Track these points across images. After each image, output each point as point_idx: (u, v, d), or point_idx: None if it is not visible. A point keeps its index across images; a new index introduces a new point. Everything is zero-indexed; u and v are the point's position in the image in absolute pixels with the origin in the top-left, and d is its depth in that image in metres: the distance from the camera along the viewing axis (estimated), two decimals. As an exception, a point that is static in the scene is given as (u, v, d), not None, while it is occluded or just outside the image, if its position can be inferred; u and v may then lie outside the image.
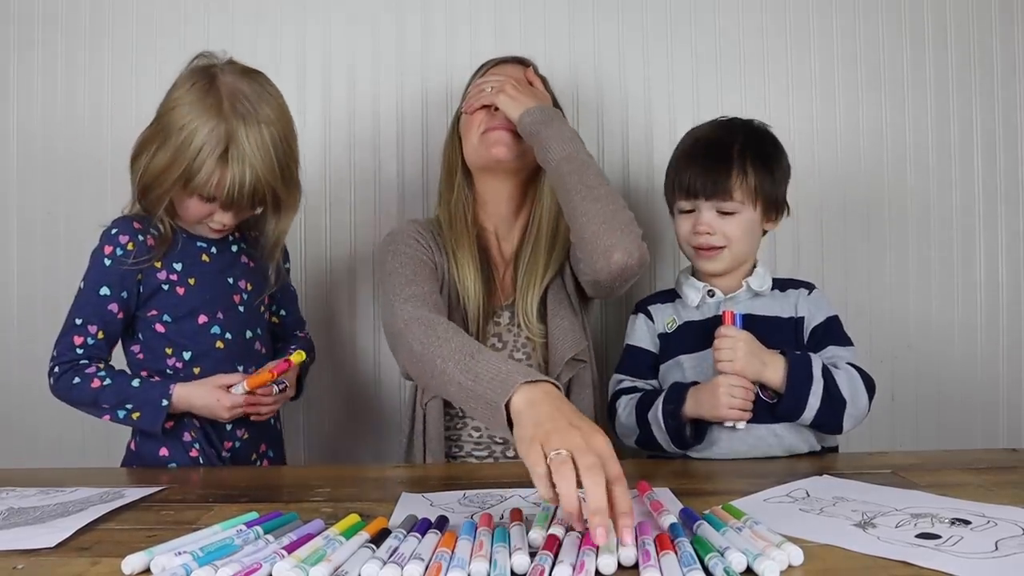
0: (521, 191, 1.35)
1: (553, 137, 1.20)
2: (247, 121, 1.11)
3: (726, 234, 1.20)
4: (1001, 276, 1.63)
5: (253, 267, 1.29)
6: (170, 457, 1.21)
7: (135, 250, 1.18)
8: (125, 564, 0.70)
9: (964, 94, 1.62)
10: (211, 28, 1.61)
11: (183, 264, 1.22)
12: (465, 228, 1.32)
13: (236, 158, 1.10)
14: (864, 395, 1.13)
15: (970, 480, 0.95)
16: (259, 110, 1.13)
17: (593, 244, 1.14)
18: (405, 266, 1.22)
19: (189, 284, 1.22)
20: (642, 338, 1.29)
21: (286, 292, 1.38)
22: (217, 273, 1.25)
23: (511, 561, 0.68)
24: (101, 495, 0.97)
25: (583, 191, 1.16)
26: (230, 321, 1.24)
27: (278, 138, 1.14)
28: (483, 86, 1.31)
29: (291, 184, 1.18)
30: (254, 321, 1.28)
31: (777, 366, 1.11)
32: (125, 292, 1.19)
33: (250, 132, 1.11)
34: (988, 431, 1.62)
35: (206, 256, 1.25)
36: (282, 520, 0.82)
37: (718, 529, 0.73)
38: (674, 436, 1.14)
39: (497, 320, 1.31)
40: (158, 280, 1.20)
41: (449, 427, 1.30)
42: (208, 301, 1.23)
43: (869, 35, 1.62)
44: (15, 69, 1.63)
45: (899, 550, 0.70)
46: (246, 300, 1.27)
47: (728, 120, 1.26)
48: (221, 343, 1.23)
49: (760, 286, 1.22)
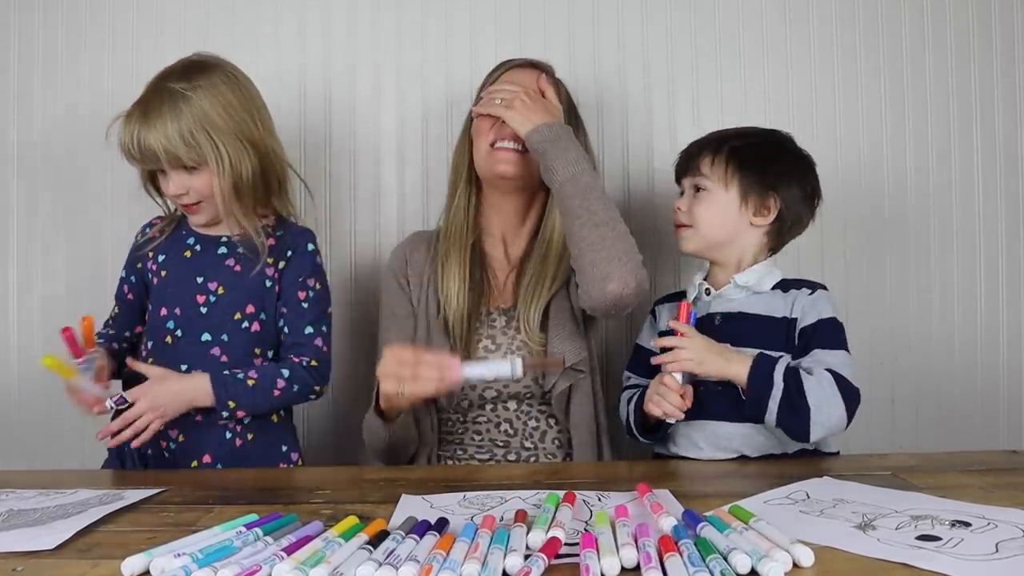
0: (527, 202, 1.36)
1: (558, 158, 1.19)
2: (156, 88, 1.20)
3: (694, 215, 1.22)
4: (1001, 276, 1.63)
5: (239, 272, 1.27)
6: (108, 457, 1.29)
7: (142, 240, 1.34)
8: (125, 566, 0.70)
9: (964, 100, 1.62)
10: (211, 28, 1.62)
11: (166, 256, 1.30)
12: (459, 238, 1.34)
13: (134, 117, 1.19)
14: (838, 406, 1.08)
15: (970, 482, 0.95)
16: (172, 82, 1.20)
17: (589, 272, 1.15)
18: (383, 321, 1.36)
19: (162, 276, 1.29)
20: (646, 337, 1.33)
21: (293, 309, 1.28)
22: (189, 270, 1.28)
23: (504, 563, 0.68)
24: (100, 497, 0.97)
25: (583, 216, 1.16)
26: (186, 320, 1.26)
27: (182, 103, 1.18)
28: (495, 95, 1.30)
29: (195, 145, 1.19)
30: (218, 326, 1.25)
31: (744, 365, 1.11)
32: (133, 276, 1.34)
33: (153, 96, 1.19)
34: (988, 433, 1.61)
35: (189, 252, 1.30)
36: (282, 522, 0.82)
37: (721, 531, 0.73)
38: (638, 427, 1.23)
39: (492, 323, 1.31)
40: (148, 269, 1.31)
41: (451, 431, 1.31)
42: (170, 295, 1.27)
43: (868, 43, 1.62)
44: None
45: (899, 552, 0.70)
46: (212, 302, 1.26)
47: (752, 126, 1.29)
48: (171, 338, 1.26)
49: (748, 282, 1.21)
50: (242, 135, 1.23)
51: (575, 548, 0.71)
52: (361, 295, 1.62)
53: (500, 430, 1.29)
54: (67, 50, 1.64)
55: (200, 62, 1.25)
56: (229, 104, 1.22)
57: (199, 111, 1.19)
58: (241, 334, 1.27)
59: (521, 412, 1.29)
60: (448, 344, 1.28)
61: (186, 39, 1.61)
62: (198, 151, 1.19)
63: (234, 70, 1.27)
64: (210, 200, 1.24)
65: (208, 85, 1.21)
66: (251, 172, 1.24)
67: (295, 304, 1.29)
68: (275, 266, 1.29)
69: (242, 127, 1.23)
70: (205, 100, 1.20)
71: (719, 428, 1.17)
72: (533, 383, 1.27)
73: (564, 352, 1.25)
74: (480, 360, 1.08)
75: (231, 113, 1.22)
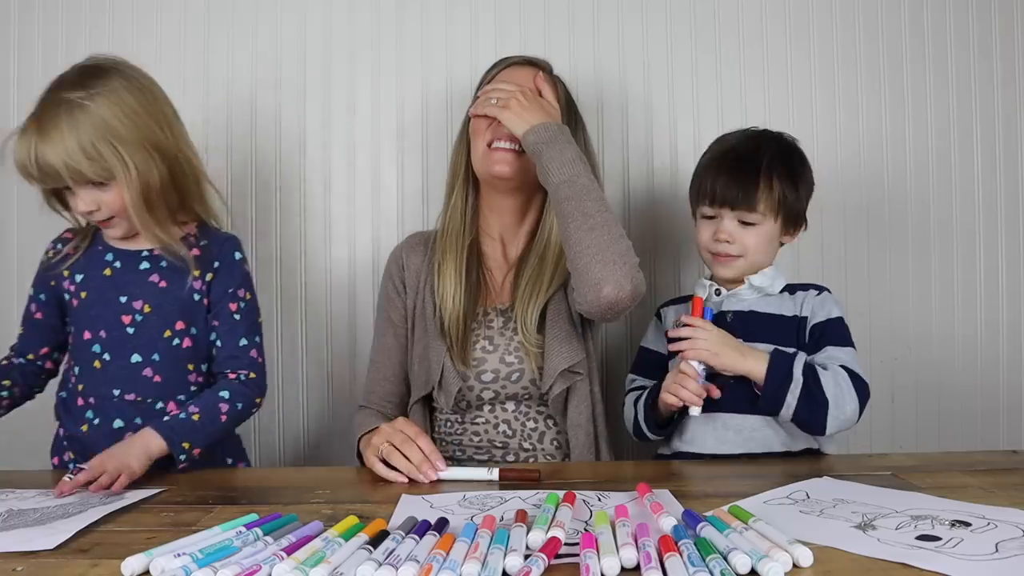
0: (525, 202, 1.36)
1: (554, 159, 1.18)
2: (47, 101, 1.12)
3: (744, 244, 1.21)
4: (1001, 276, 1.63)
5: (165, 288, 1.21)
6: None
7: (53, 257, 1.24)
8: (125, 566, 0.70)
9: (964, 101, 1.62)
10: (211, 29, 1.62)
11: (84, 276, 1.22)
12: (457, 238, 1.33)
13: (30, 133, 1.10)
14: (852, 399, 1.12)
15: (970, 482, 0.95)
16: (68, 91, 1.11)
17: (584, 276, 1.14)
18: (382, 335, 1.37)
19: (81, 297, 1.22)
20: (651, 339, 1.34)
21: (225, 322, 1.24)
22: (111, 289, 1.21)
23: (504, 563, 0.68)
24: (101, 497, 0.97)
25: (579, 219, 1.15)
26: (113, 341, 1.20)
27: (80, 114, 1.10)
28: (491, 94, 1.28)
29: (99, 159, 1.11)
30: (147, 346, 1.20)
31: (760, 361, 1.12)
32: (43, 295, 1.25)
33: (48, 108, 1.11)
34: (988, 433, 1.61)
35: (108, 270, 1.22)
36: (282, 521, 0.82)
37: (721, 531, 0.73)
38: (647, 421, 1.23)
39: (489, 324, 1.31)
40: (65, 289, 1.23)
41: (451, 432, 1.31)
42: (93, 318, 1.21)
43: (868, 43, 1.62)
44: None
45: (899, 552, 0.70)
46: (139, 321, 1.20)
47: (758, 132, 1.27)
48: (99, 363, 1.20)
49: (762, 284, 1.23)
50: (148, 142, 1.15)
51: (575, 548, 0.71)
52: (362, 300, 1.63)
53: (499, 431, 1.29)
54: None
55: (96, 66, 1.16)
56: (132, 110, 1.14)
57: (99, 121, 1.10)
58: (172, 352, 1.21)
59: (519, 413, 1.29)
60: (445, 345, 1.27)
61: (186, 38, 1.61)
62: (103, 164, 1.11)
63: (135, 72, 1.19)
64: (123, 214, 1.17)
65: (107, 91, 1.12)
66: (160, 181, 1.16)
67: (227, 316, 1.24)
68: (202, 278, 1.23)
69: (148, 134, 1.15)
70: (105, 108, 1.11)
71: (729, 420, 1.18)
72: (531, 384, 1.27)
73: (560, 356, 1.24)
74: (462, 468, 1.11)
75: (134, 120, 1.14)
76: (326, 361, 1.62)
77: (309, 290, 1.62)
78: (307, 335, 1.62)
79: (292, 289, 1.62)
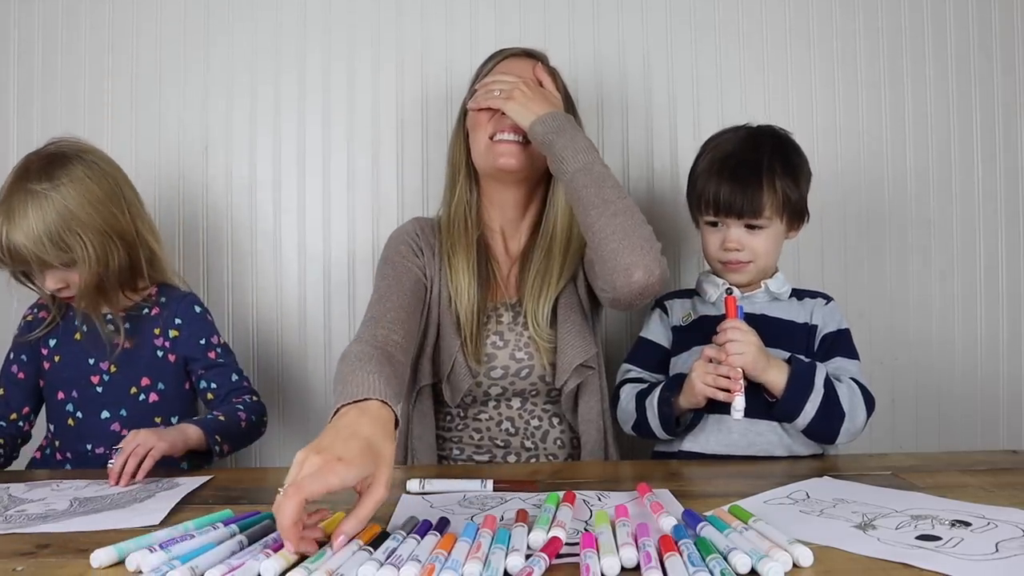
0: (528, 195, 1.34)
1: (567, 147, 1.16)
2: (14, 190, 1.17)
3: (754, 249, 1.20)
4: (1001, 276, 1.63)
5: (129, 348, 1.29)
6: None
7: (32, 323, 1.33)
8: (93, 557, 0.71)
9: (964, 102, 1.62)
10: (211, 29, 1.62)
11: (57, 341, 1.31)
12: (463, 232, 1.31)
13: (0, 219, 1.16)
14: (863, 411, 1.13)
15: (970, 482, 0.95)
16: (34, 182, 1.17)
17: (613, 262, 1.11)
18: (386, 277, 1.24)
19: (55, 360, 1.31)
20: (654, 332, 1.31)
21: (211, 369, 1.32)
22: (80, 352, 1.29)
23: (506, 563, 0.68)
24: (158, 484, 1.04)
25: (600, 206, 1.13)
26: (83, 400, 1.28)
27: (47, 204, 1.16)
28: (491, 87, 1.26)
29: (62, 247, 1.17)
30: (115, 403, 1.28)
31: (780, 370, 1.11)
32: (24, 355, 1.32)
33: (15, 198, 1.17)
34: (988, 433, 1.62)
35: (79, 335, 1.30)
36: (258, 519, 0.82)
37: (721, 531, 0.73)
38: (664, 422, 1.18)
39: (499, 318, 1.29)
40: (40, 353, 1.31)
41: (450, 428, 1.31)
42: (65, 379, 1.30)
43: (868, 42, 1.62)
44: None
45: (899, 552, 0.70)
46: (107, 381, 1.29)
47: (752, 131, 1.25)
48: (72, 420, 1.29)
49: (778, 289, 1.24)
50: (109, 227, 1.22)
51: (575, 548, 0.71)
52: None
53: (501, 428, 1.28)
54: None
55: (60, 155, 1.22)
56: (95, 198, 1.21)
57: (64, 211, 1.17)
58: (139, 407, 1.29)
59: (524, 411, 1.29)
60: (459, 340, 1.25)
61: (186, 39, 1.61)
62: (67, 253, 1.18)
63: (96, 157, 1.25)
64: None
65: (71, 181, 1.19)
66: (119, 263, 1.24)
67: (211, 364, 1.32)
68: (163, 335, 1.31)
69: (109, 220, 1.22)
70: (71, 199, 1.18)
71: (735, 423, 1.15)
72: (540, 380, 1.27)
73: (574, 350, 1.23)
74: (453, 480, 1.00)
75: (97, 208, 1.20)
76: (321, 360, 1.62)
77: (307, 284, 1.62)
78: (307, 329, 1.63)
79: (291, 281, 1.63)
